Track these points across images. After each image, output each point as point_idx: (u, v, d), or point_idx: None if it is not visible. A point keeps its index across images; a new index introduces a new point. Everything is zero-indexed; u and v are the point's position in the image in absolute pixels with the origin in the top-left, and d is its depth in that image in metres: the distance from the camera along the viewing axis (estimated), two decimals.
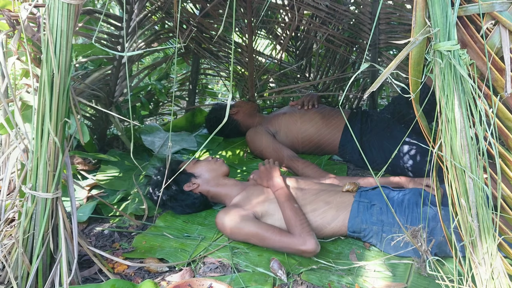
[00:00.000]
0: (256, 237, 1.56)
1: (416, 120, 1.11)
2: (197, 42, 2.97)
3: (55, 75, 1.20)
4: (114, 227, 1.79)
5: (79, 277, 1.37)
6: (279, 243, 1.53)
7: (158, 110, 3.15)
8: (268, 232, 1.55)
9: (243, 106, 2.76)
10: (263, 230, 1.56)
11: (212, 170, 1.85)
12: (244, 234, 1.58)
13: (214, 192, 1.84)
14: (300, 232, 1.52)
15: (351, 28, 2.85)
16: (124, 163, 2.29)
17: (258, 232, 1.56)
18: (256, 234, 1.56)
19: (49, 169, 1.25)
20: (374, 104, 2.89)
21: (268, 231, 1.55)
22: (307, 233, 1.52)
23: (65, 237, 1.28)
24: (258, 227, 1.57)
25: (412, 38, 0.96)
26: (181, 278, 1.44)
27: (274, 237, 1.53)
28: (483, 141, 1.01)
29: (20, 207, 1.31)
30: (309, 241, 1.49)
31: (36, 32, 1.33)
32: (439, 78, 0.99)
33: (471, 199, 1.01)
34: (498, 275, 1.03)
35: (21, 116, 1.33)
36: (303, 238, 1.51)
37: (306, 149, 2.49)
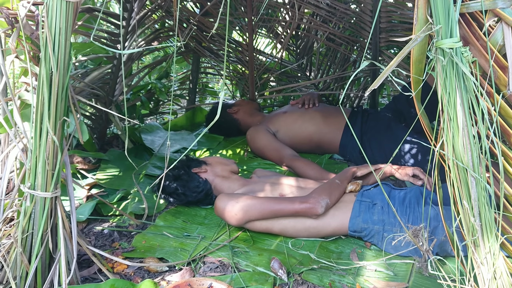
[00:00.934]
0: (260, 206, 1.59)
1: (417, 118, 1.10)
2: (197, 41, 2.97)
3: (54, 73, 1.19)
4: (113, 226, 1.78)
5: (78, 276, 1.36)
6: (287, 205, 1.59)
7: (158, 109, 3.15)
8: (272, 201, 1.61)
9: (244, 105, 2.75)
10: (267, 199, 1.61)
11: (223, 164, 1.93)
12: (246, 208, 1.59)
13: (218, 182, 1.86)
14: (315, 192, 1.61)
15: (352, 27, 2.84)
16: (124, 162, 2.29)
17: (263, 201, 1.61)
18: (261, 202, 1.60)
19: (48, 168, 1.24)
20: (375, 103, 2.88)
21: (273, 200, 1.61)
22: (319, 195, 1.60)
23: (64, 237, 1.28)
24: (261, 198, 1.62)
25: (414, 36, 0.95)
26: (181, 277, 1.43)
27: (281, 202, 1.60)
28: (485, 140, 1.00)
29: (18, 206, 1.30)
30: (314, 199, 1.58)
31: (35, 30, 1.32)
32: (441, 76, 0.98)
33: (473, 198, 1.00)
34: (501, 274, 1.02)
35: (20, 115, 1.32)
36: (309, 196, 1.60)
37: (306, 148, 2.48)
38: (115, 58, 2.34)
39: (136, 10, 2.33)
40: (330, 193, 1.62)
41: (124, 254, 1.57)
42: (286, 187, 1.75)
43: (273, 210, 1.59)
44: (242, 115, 2.70)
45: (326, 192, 1.62)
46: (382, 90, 3.48)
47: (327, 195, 1.61)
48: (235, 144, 2.66)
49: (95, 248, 1.40)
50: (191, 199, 1.85)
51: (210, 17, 2.83)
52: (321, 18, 2.88)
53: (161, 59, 3.00)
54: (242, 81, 3.16)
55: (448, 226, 1.27)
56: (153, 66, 2.96)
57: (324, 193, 1.61)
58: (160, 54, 3.51)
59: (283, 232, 1.65)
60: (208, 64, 3.35)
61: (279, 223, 1.63)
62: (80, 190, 1.97)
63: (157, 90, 2.90)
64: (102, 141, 2.57)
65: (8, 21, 1.31)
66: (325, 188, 1.64)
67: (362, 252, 1.60)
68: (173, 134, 2.77)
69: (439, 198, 1.25)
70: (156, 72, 3.14)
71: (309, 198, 1.59)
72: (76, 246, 1.31)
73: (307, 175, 2.06)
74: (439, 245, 1.52)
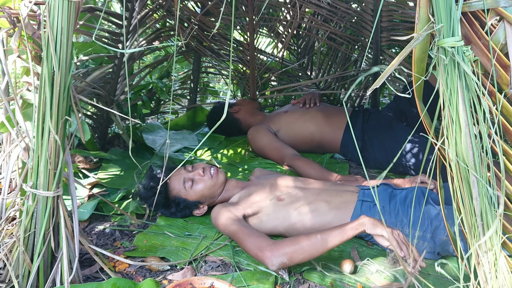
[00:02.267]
0: (237, 239, 1.52)
1: (418, 116, 1.10)
2: (198, 40, 2.97)
3: (56, 72, 1.20)
4: (115, 225, 1.78)
5: (80, 275, 1.37)
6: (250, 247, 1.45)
7: (159, 109, 3.15)
8: (246, 236, 1.48)
9: (245, 105, 2.75)
10: (242, 234, 1.50)
11: (210, 188, 1.76)
12: (228, 233, 1.58)
13: (219, 200, 1.83)
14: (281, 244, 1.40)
15: (353, 26, 2.84)
16: (126, 161, 2.29)
17: (238, 236, 1.51)
18: (237, 237, 1.51)
19: (50, 167, 1.24)
20: (376, 102, 2.88)
21: (247, 236, 1.48)
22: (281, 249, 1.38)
23: (66, 236, 1.28)
24: (240, 229, 1.52)
25: (416, 34, 0.95)
26: (182, 276, 1.43)
27: (249, 241, 1.46)
28: (487, 139, 1.00)
29: (21, 205, 1.31)
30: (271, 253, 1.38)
31: (37, 29, 1.32)
32: (443, 75, 0.98)
33: (475, 197, 1.00)
34: (502, 274, 1.02)
35: (22, 114, 1.33)
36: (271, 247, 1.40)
37: (307, 148, 2.48)
38: (117, 57, 2.34)
39: (137, 9, 2.34)
40: (294, 251, 1.37)
41: (125, 253, 1.57)
42: (284, 188, 1.74)
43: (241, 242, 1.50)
44: (243, 114, 2.70)
45: (291, 249, 1.38)
46: (384, 90, 3.48)
47: (288, 254, 1.37)
48: (236, 143, 2.66)
49: (97, 247, 1.40)
50: (174, 216, 1.83)
51: (211, 17, 2.83)
52: (322, 17, 2.88)
53: (162, 58, 3.00)
54: (243, 81, 3.16)
55: (449, 226, 1.27)
56: (154, 66, 2.96)
57: (287, 249, 1.38)
58: (161, 54, 3.51)
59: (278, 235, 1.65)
60: (209, 63, 3.35)
61: None
62: (81, 189, 1.97)
63: (158, 89, 2.90)
64: (104, 140, 2.57)
65: (10, 21, 1.32)
66: (294, 243, 1.39)
67: (363, 252, 1.60)
68: (174, 133, 2.78)
69: (441, 197, 1.25)
70: (157, 71, 3.14)
71: (267, 250, 1.39)
72: (78, 245, 1.31)
73: (308, 174, 2.06)
74: (440, 245, 1.52)
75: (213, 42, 3.00)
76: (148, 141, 2.52)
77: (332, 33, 2.92)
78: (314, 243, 1.38)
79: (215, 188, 1.77)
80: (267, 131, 2.44)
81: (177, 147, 2.55)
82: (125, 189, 2.01)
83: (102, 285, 1.28)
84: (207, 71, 3.51)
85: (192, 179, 1.75)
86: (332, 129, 2.41)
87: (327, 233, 1.38)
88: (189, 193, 1.75)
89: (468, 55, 0.95)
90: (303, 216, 1.62)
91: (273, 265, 1.38)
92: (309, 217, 1.62)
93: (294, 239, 1.40)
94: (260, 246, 1.42)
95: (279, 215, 1.64)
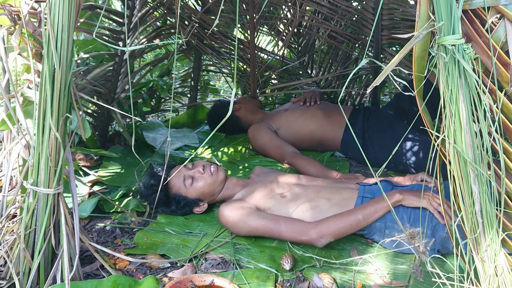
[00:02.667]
0: (264, 229, 1.57)
1: (418, 115, 1.10)
2: (199, 38, 2.96)
3: (56, 70, 1.20)
4: (115, 223, 1.78)
5: (80, 272, 1.37)
6: (289, 232, 1.54)
7: (160, 107, 3.15)
8: (276, 223, 1.56)
9: (245, 103, 2.75)
10: (271, 222, 1.56)
11: (210, 185, 1.77)
12: (249, 227, 1.58)
13: (220, 198, 1.84)
14: (325, 222, 1.52)
15: (353, 24, 2.84)
16: (126, 159, 2.29)
17: (266, 224, 1.56)
18: (264, 226, 1.56)
19: (50, 165, 1.24)
20: (377, 101, 2.88)
21: (277, 222, 1.56)
22: (326, 227, 1.51)
23: (66, 233, 1.28)
24: (265, 218, 1.57)
25: (416, 32, 0.95)
26: (183, 274, 1.44)
27: (284, 227, 1.55)
28: (487, 137, 1.00)
29: (21, 202, 1.31)
30: (319, 231, 1.51)
31: (37, 27, 1.32)
32: (443, 73, 0.98)
33: (475, 194, 1.00)
34: (502, 271, 1.02)
35: (22, 112, 1.33)
36: (316, 224, 1.52)
37: (308, 146, 2.48)
38: (117, 55, 2.34)
39: (138, 7, 2.34)
40: (338, 230, 1.52)
41: (126, 251, 1.58)
42: (285, 186, 1.75)
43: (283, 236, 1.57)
44: (244, 112, 2.70)
45: (336, 228, 1.51)
46: (384, 88, 3.47)
47: (334, 233, 1.51)
48: (237, 141, 2.66)
49: (98, 244, 1.41)
50: (175, 214, 1.83)
51: (212, 15, 2.83)
52: (323, 15, 2.87)
53: (162, 56, 3.00)
54: (244, 79, 3.16)
55: (449, 223, 1.28)
56: (154, 64, 2.96)
57: (332, 229, 1.51)
58: (161, 52, 3.51)
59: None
60: (210, 61, 3.35)
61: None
62: (82, 187, 1.97)
63: (158, 87, 2.90)
64: (104, 138, 2.57)
65: (11, 18, 1.32)
66: (338, 222, 1.52)
67: (364, 249, 1.60)
68: (174, 131, 2.78)
69: (441, 195, 1.25)
70: (158, 69, 3.14)
71: (313, 230, 1.52)
72: (78, 242, 1.31)
73: (309, 172, 2.06)
74: (440, 242, 1.52)
75: (213, 40, 3.00)
76: (149, 139, 2.52)
77: (333, 31, 2.92)
78: (357, 222, 1.52)
79: (215, 185, 1.78)
80: (267, 129, 2.44)
81: (177, 145, 2.56)
82: (125, 187, 2.01)
83: (102, 282, 1.28)
84: (207, 69, 3.51)
85: (192, 176, 1.76)
86: (332, 127, 2.41)
87: (366, 211, 1.53)
88: (189, 190, 1.75)
89: (469, 53, 0.95)
90: (304, 213, 1.63)
91: (322, 244, 1.52)
92: (310, 213, 1.63)
93: (338, 218, 1.53)
94: (301, 230, 1.53)
95: (281, 212, 1.65)
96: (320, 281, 1.39)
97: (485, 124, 0.99)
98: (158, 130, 2.70)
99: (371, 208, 1.53)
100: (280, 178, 1.79)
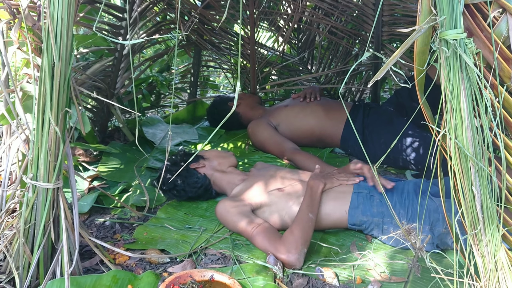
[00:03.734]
0: (245, 234, 1.56)
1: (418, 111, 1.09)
2: (199, 34, 2.95)
3: (56, 64, 1.19)
4: (115, 218, 1.78)
5: (80, 267, 1.37)
6: (263, 247, 1.50)
7: (159, 102, 3.14)
8: (253, 237, 1.53)
9: (245, 99, 2.74)
10: (250, 233, 1.54)
11: (221, 157, 1.91)
12: (237, 228, 1.59)
13: (218, 177, 1.85)
14: (291, 241, 1.45)
15: (354, 20, 2.83)
16: (126, 155, 2.29)
17: (247, 234, 1.55)
18: (246, 231, 1.55)
19: (50, 159, 1.24)
20: (377, 97, 2.88)
21: (254, 236, 1.52)
22: (295, 247, 1.44)
23: (66, 228, 1.28)
24: (248, 226, 1.55)
25: (418, 26, 0.95)
26: (182, 269, 1.44)
27: (261, 241, 1.50)
28: (488, 132, 1.00)
29: (21, 197, 1.31)
30: (292, 254, 1.43)
31: (37, 21, 1.31)
32: (445, 68, 0.97)
33: (476, 189, 1.00)
34: (502, 266, 1.02)
35: (22, 106, 1.32)
36: (287, 248, 1.44)
37: (307, 142, 2.47)
38: (117, 50, 2.33)
39: (138, 2, 2.33)
40: (306, 238, 1.47)
41: (125, 246, 1.57)
42: (285, 180, 1.75)
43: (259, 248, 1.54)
44: (244, 108, 2.69)
45: (302, 239, 1.46)
46: (384, 84, 3.47)
47: (303, 243, 1.46)
48: (236, 137, 2.66)
49: (97, 239, 1.41)
50: (191, 194, 1.85)
51: (212, 10, 2.82)
52: (323, 11, 2.86)
53: (162, 52, 2.99)
54: (244, 75, 3.15)
55: (450, 219, 1.27)
56: (154, 59, 2.95)
57: (299, 242, 1.45)
58: (161, 47, 3.50)
59: (284, 226, 1.65)
60: (210, 57, 3.34)
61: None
62: (82, 182, 1.97)
63: (158, 83, 2.89)
64: (104, 134, 2.57)
65: (10, 12, 1.31)
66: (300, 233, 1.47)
67: (363, 245, 1.60)
68: (174, 127, 2.77)
69: (441, 191, 1.25)
70: (158, 65, 3.13)
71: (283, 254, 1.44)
72: (78, 237, 1.31)
73: (308, 168, 2.06)
74: (439, 237, 1.52)
75: (213, 35, 2.99)
76: (148, 135, 2.51)
77: (333, 27, 2.91)
78: (311, 220, 1.52)
79: (223, 159, 1.89)
80: (267, 125, 2.44)
81: (177, 141, 2.55)
82: (125, 182, 2.01)
83: (102, 277, 1.29)
84: (207, 65, 3.50)
85: None
86: (332, 123, 2.41)
87: (310, 207, 1.54)
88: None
89: (470, 48, 0.95)
90: None
91: (300, 262, 1.44)
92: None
93: (292, 231, 1.48)
94: (273, 251, 1.46)
95: (279, 206, 1.65)
96: (322, 274, 1.39)
97: (487, 119, 0.98)
98: (157, 125, 2.70)
99: (310, 201, 1.56)
100: (279, 173, 1.79)
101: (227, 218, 1.61)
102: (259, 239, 1.51)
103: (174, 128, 2.74)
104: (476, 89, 0.97)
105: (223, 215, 1.63)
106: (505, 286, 1.02)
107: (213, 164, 1.89)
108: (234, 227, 1.60)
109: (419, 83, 1.06)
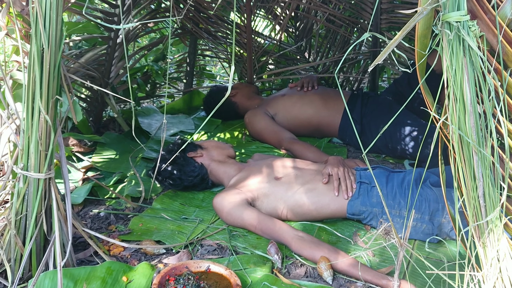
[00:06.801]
0: (252, 226, 1.55)
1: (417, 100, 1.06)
2: (195, 22, 2.90)
3: (45, 50, 1.15)
4: (110, 209, 1.75)
5: (74, 259, 1.34)
6: (274, 235, 1.50)
7: (155, 92, 3.10)
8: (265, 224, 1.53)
9: (242, 88, 2.71)
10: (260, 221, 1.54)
11: (219, 148, 1.89)
12: (240, 220, 1.56)
13: (215, 167, 1.83)
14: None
15: (352, 8, 2.78)
16: (120, 145, 2.25)
17: (253, 222, 1.54)
18: (251, 224, 1.54)
19: (41, 149, 1.20)
20: (375, 86, 2.84)
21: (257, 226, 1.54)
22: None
23: (58, 218, 1.25)
24: (256, 216, 1.55)
25: (420, 8, 0.91)
26: (178, 260, 1.41)
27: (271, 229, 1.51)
28: (491, 118, 0.97)
29: (12, 188, 1.28)
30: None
31: (25, 5, 1.27)
32: (447, 52, 0.94)
33: (478, 177, 0.98)
34: (504, 256, 1.00)
35: (12, 96, 1.29)
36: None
37: (305, 132, 2.44)
38: (110, 38, 2.29)
39: None
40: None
41: (120, 237, 1.55)
42: (281, 169, 1.72)
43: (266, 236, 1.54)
44: (240, 98, 2.66)
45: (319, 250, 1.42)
46: (382, 74, 3.43)
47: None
48: (233, 127, 2.62)
49: (92, 230, 1.38)
50: (186, 183, 1.82)
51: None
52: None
53: (157, 40, 2.94)
54: (240, 64, 3.11)
55: (451, 208, 1.25)
56: (149, 48, 2.90)
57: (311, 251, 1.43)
58: (156, 36, 3.45)
59: (282, 216, 1.63)
60: (206, 46, 3.29)
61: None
62: (76, 172, 1.94)
63: (153, 72, 2.85)
64: (98, 124, 2.53)
65: None
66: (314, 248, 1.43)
67: (362, 236, 1.58)
68: (170, 117, 2.73)
69: (442, 180, 1.22)
70: (153, 54, 3.08)
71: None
72: (71, 228, 1.28)
73: (306, 158, 2.03)
74: (439, 227, 1.51)
75: (209, 24, 2.94)
76: (144, 125, 2.48)
77: (331, 15, 2.86)
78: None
79: (221, 150, 1.88)
80: (264, 114, 2.41)
81: (173, 131, 2.52)
82: (120, 172, 1.98)
83: (96, 268, 1.26)
84: (203, 54, 3.45)
85: None
86: (330, 113, 2.38)
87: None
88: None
89: (474, 31, 0.92)
90: (301, 195, 1.60)
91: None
92: (308, 195, 1.61)
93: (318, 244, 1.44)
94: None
95: (277, 196, 1.62)
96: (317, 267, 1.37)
97: (490, 105, 0.95)
98: (153, 116, 2.66)
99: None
100: (276, 162, 1.77)
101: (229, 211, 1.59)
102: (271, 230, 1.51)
103: (169, 118, 2.70)
104: (479, 73, 0.94)
105: (223, 208, 1.60)
106: (507, 276, 1.00)
107: (211, 154, 1.86)
108: (235, 220, 1.58)
109: (420, 67, 1.03)
